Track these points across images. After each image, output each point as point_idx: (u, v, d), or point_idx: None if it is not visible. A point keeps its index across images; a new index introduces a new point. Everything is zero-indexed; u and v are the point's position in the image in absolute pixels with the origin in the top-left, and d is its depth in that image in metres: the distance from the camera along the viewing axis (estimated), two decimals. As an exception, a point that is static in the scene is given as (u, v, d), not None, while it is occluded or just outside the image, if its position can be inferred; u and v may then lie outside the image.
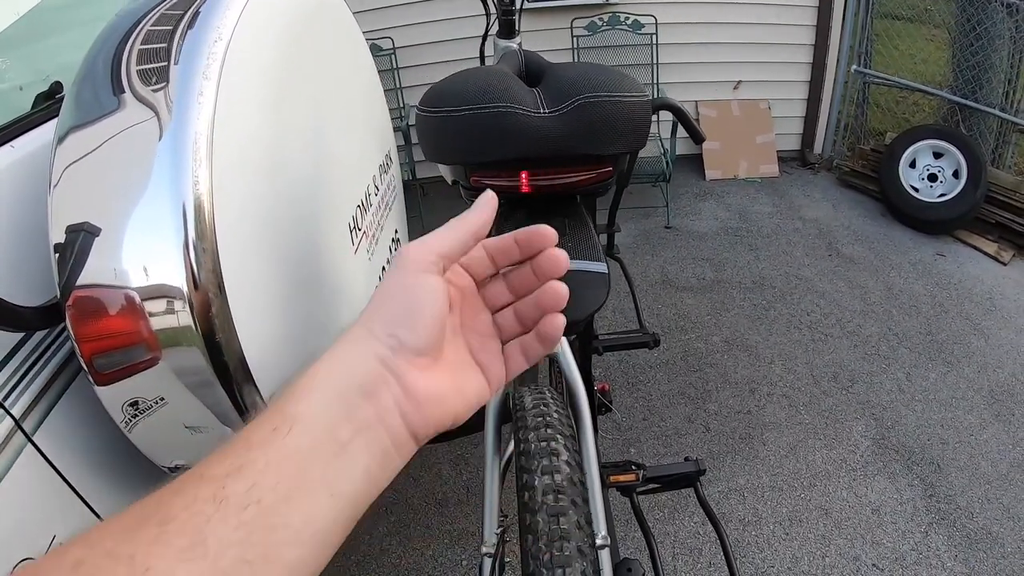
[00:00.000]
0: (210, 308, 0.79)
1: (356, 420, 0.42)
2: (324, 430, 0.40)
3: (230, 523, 0.35)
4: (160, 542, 0.34)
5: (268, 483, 0.37)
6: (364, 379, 0.43)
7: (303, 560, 0.38)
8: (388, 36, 4.12)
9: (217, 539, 0.35)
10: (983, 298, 3.24)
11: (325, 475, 0.40)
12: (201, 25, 0.84)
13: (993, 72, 3.83)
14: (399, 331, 0.44)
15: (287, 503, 0.38)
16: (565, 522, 0.76)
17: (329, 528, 0.40)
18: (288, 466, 0.38)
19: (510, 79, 0.68)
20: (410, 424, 0.44)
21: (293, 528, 0.37)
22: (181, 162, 0.76)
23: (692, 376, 2.77)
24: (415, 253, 0.46)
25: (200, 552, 0.34)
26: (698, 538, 2.07)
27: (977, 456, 2.35)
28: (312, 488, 0.39)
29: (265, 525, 0.36)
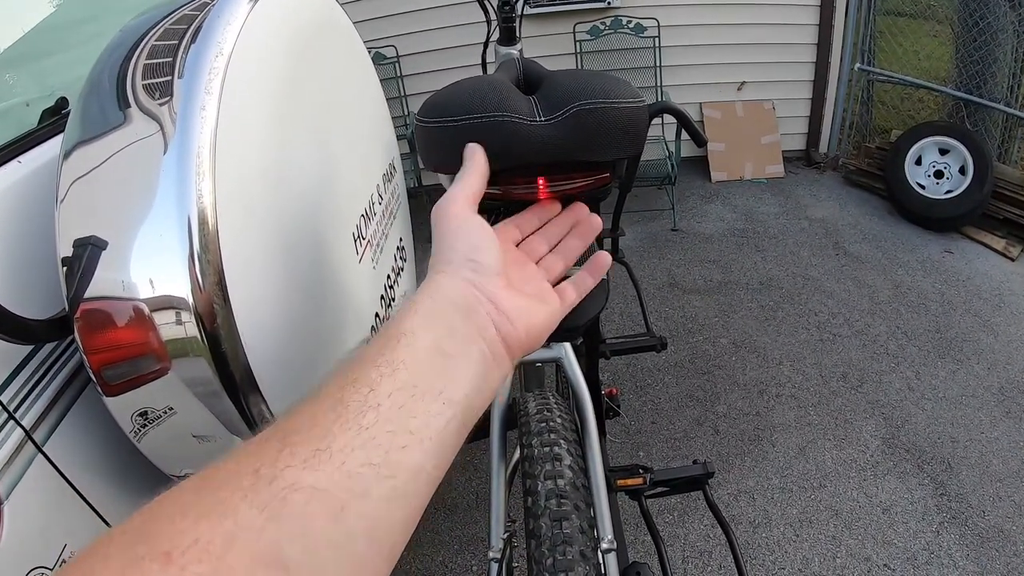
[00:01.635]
0: (215, 319, 0.80)
1: (458, 335, 0.47)
2: (431, 344, 0.45)
3: (351, 429, 0.38)
4: (284, 453, 0.35)
5: (384, 391, 0.40)
6: (460, 300, 0.49)
7: (423, 465, 0.40)
8: (392, 44, 4.14)
9: (340, 445, 0.37)
10: (992, 295, 3.23)
11: (436, 384, 0.43)
12: (203, 40, 0.85)
13: (997, 67, 3.82)
14: (475, 256, 0.52)
15: (403, 409, 0.40)
16: (568, 526, 0.76)
17: (443, 434, 0.42)
18: (401, 375, 0.42)
19: (507, 87, 0.69)
20: (504, 335, 0.50)
21: (412, 432, 0.40)
22: (185, 176, 0.77)
23: (700, 378, 2.77)
24: (452, 204, 0.55)
25: (324, 458, 0.36)
26: (708, 541, 2.06)
27: (988, 454, 2.34)
28: (425, 395, 0.42)
29: (385, 430, 0.39)
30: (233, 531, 0.31)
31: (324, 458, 0.36)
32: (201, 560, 0.29)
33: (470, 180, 0.58)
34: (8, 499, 0.85)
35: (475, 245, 0.52)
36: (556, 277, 0.62)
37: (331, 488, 0.35)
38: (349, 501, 0.35)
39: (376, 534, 0.37)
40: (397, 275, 1.57)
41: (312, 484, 0.34)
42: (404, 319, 0.46)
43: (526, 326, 0.52)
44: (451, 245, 0.52)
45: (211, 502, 0.32)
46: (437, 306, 0.48)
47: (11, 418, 0.88)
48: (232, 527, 0.31)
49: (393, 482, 0.38)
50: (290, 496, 0.33)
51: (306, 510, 0.33)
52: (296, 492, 0.34)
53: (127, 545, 0.30)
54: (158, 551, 0.29)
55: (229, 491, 0.33)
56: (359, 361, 0.43)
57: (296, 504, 0.33)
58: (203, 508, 0.32)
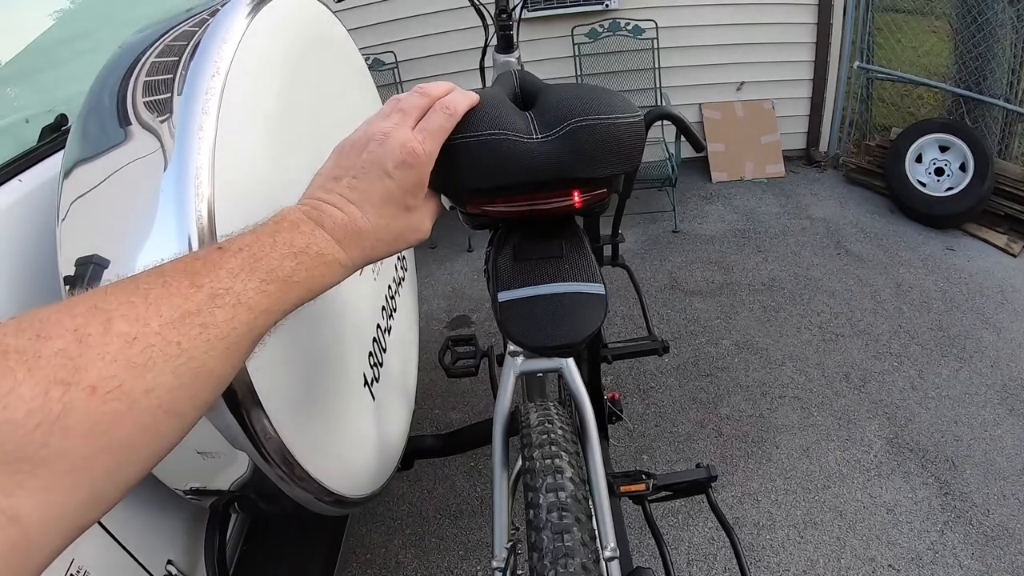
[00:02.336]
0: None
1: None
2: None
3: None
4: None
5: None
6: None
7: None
8: (390, 51, 4.14)
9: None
10: (994, 291, 3.23)
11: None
12: (200, 58, 0.86)
13: (996, 63, 3.82)
14: None
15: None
16: (569, 539, 0.77)
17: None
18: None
19: (503, 104, 0.69)
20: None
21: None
22: (184, 195, 0.77)
23: (703, 381, 2.77)
24: None
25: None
26: (712, 544, 2.07)
27: (992, 452, 2.34)
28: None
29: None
30: None
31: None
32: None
33: None
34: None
35: None
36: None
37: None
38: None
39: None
40: (398, 285, 1.57)
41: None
42: None
43: None
44: None
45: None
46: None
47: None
48: None
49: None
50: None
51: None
52: None
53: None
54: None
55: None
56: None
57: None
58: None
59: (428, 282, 3.61)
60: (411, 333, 1.78)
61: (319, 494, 1.00)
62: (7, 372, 0.34)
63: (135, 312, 0.42)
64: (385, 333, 1.41)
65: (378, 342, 1.34)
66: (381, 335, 1.37)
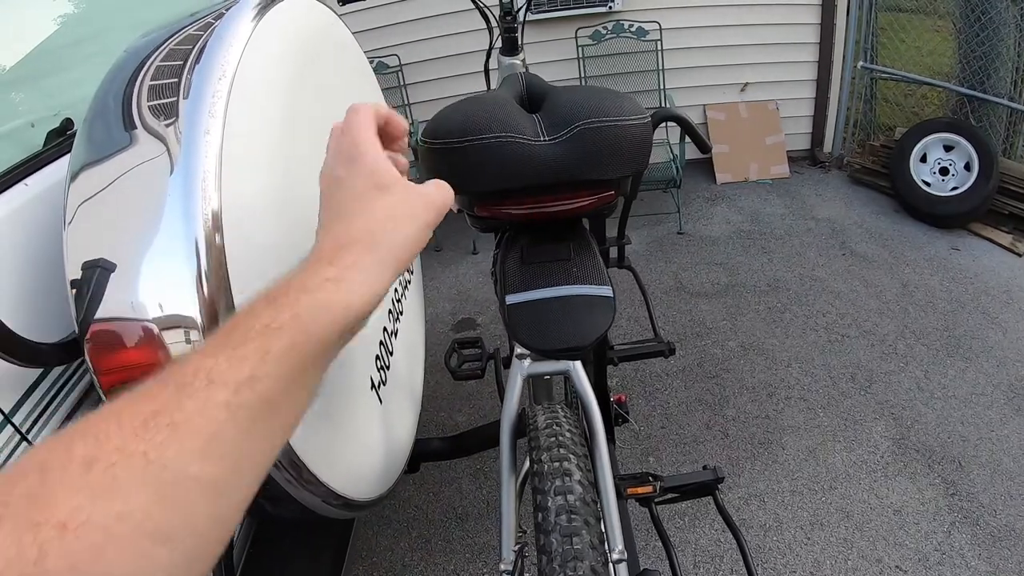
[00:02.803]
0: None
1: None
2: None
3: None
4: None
5: None
6: None
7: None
8: (394, 53, 4.15)
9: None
10: (1000, 291, 3.22)
11: None
12: (206, 62, 0.86)
13: (1000, 61, 3.81)
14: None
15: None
16: (579, 542, 0.76)
17: None
18: None
19: (510, 107, 0.69)
20: None
21: None
22: (191, 198, 0.78)
23: (709, 382, 2.77)
24: None
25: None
26: (719, 545, 2.06)
27: (999, 452, 2.33)
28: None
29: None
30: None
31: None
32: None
33: None
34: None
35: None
36: None
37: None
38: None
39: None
40: (404, 288, 1.57)
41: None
42: None
43: None
44: None
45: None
46: None
47: (24, 439, 0.89)
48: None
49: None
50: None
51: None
52: None
53: (24, 509, 0.32)
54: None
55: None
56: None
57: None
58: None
59: (433, 285, 3.61)
60: (417, 336, 1.78)
61: (327, 497, 1.00)
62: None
63: (94, 429, 0.36)
64: (391, 336, 1.41)
65: (385, 345, 1.34)
66: (388, 338, 1.37)
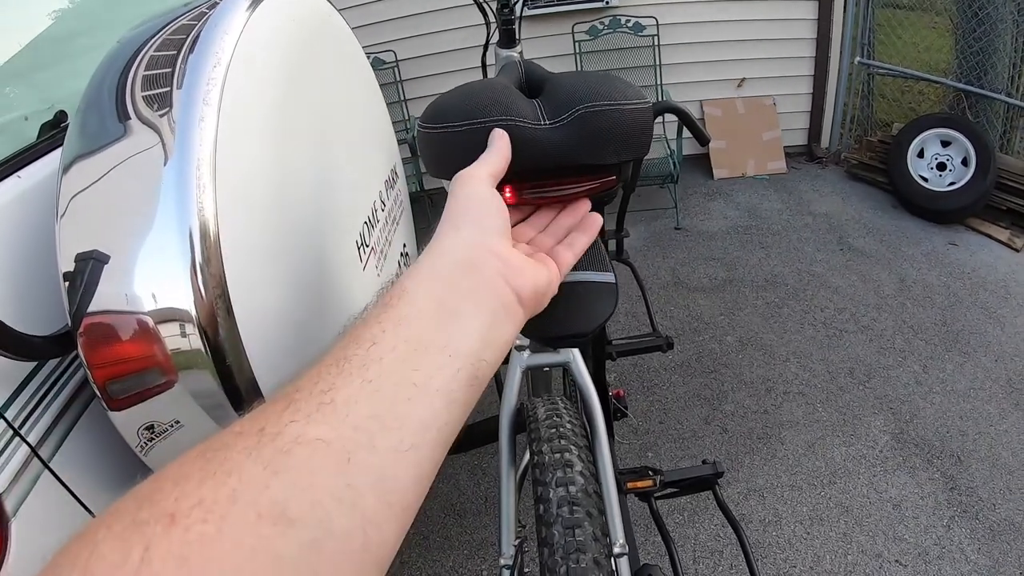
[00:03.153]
0: (219, 330, 0.79)
1: (462, 289, 0.46)
2: (433, 300, 0.45)
3: (355, 382, 0.37)
4: (289, 410, 0.35)
5: (387, 344, 0.40)
6: (462, 257, 0.49)
7: (432, 417, 0.40)
8: (390, 49, 4.13)
9: (344, 397, 0.36)
10: (997, 286, 3.22)
11: (439, 337, 0.43)
12: (200, 50, 0.85)
13: (997, 57, 3.81)
14: (482, 220, 0.52)
15: (407, 362, 0.40)
16: (581, 534, 0.76)
17: (450, 386, 0.41)
18: (403, 330, 0.42)
19: (509, 91, 0.68)
20: (514, 287, 0.49)
21: (417, 385, 0.39)
22: (185, 188, 0.76)
23: (707, 377, 2.76)
24: (472, 176, 0.56)
25: (328, 411, 0.35)
26: (719, 540, 2.05)
27: (997, 446, 2.33)
28: (429, 348, 0.42)
29: (390, 382, 0.38)
30: (236, 489, 0.31)
31: (328, 411, 0.36)
32: (206, 520, 0.29)
33: (492, 159, 0.59)
34: (16, 516, 0.84)
35: (484, 211, 0.53)
36: (565, 267, 0.61)
37: (336, 440, 0.35)
38: (355, 452, 0.35)
39: (384, 487, 0.36)
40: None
41: (317, 436, 0.34)
42: (406, 279, 0.46)
43: (533, 280, 0.52)
44: (460, 211, 0.53)
45: (215, 463, 0.32)
46: (439, 263, 0.48)
47: (16, 435, 0.88)
48: (236, 485, 0.31)
49: (400, 434, 0.37)
50: (294, 449, 0.33)
51: (310, 463, 0.33)
52: (300, 445, 0.33)
53: (132, 511, 0.29)
54: (162, 513, 0.29)
55: (233, 451, 0.33)
56: (363, 322, 0.43)
57: (300, 457, 0.33)
58: (208, 470, 0.31)
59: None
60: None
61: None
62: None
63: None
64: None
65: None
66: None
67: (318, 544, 0.32)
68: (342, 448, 0.34)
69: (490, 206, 0.54)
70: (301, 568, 0.31)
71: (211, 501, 0.30)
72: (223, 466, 0.32)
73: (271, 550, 0.30)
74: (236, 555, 0.29)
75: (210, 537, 0.28)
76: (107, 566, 0.27)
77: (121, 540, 0.28)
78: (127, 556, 0.27)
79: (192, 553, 0.28)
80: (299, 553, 0.31)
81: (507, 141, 0.61)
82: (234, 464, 0.32)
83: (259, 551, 0.29)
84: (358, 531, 0.34)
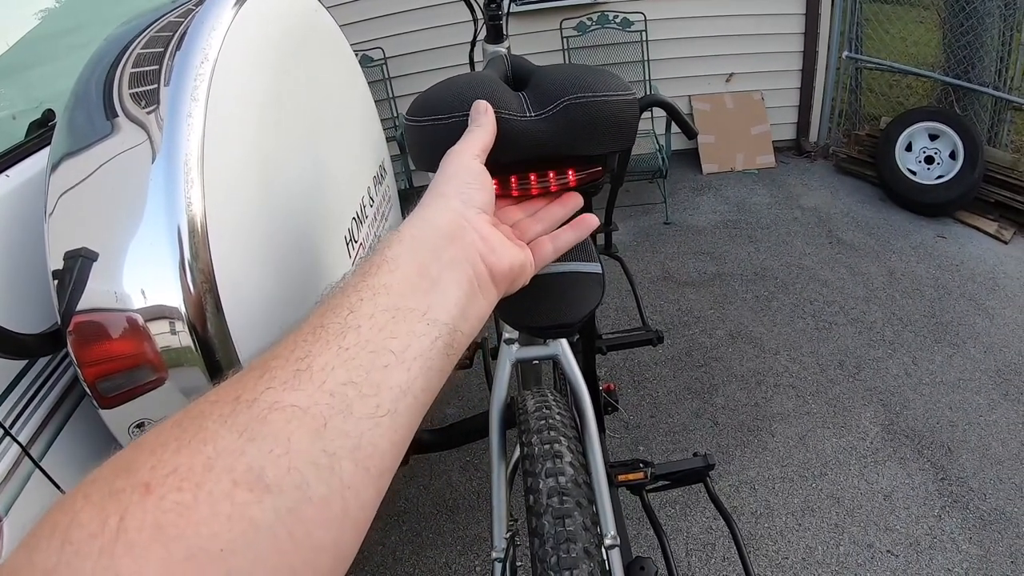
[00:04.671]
0: (208, 327, 0.79)
1: (443, 259, 0.47)
2: (414, 268, 0.45)
3: (331, 349, 0.38)
4: (265, 377, 0.35)
5: (365, 312, 0.41)
6: (445, 226, 0.49)
7: (408, 385, 0.40)
8: (378, 46, 4.13)
9: (320, 364, 0.37)
10: (986, 278, 3.24)
11: (419, 305, 0.43)
12: (187, 47, 0.85)
13: (985, 51, 3.83)
14: (467, 191, 0.53)
15: (384, 330, 0.40)
16: (571, 524, 0.76)
17: (428, 354, 0.42)
18: (382, 299, 0.42)
19: (495, 83, 0.68)
20: (489, 264, 0.50)
21: (394, 352, 0.40)
22: (173, 184, 0.76)
23: (698, 371, 2.77)
24: (459, 152, 0.57)
25: (305, 377, 0.36)
26: (711, 533, 2.06)
27: (987, 437, 2.35)
28: (408, 316, 0.42)
29: (366, 349, 0.39)
30: (212, 457, 0.31)
31: (304, 378, 0.36)
32: (181, 488, 0.29)
33: (479, 134, 0.60)
34: (8, 515, 0.84)
35: (469, 183, 0.54)
36: (542, 259, 0.62)
37: (312, 406, 0.35)
38: (331, 418, 0.35)
39: (361, 453, 0.36)
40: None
41: (292, 403, 0.34)
42: (388, 247, 0.46)
43: (509, 260, 0.53)
44: (447, 181, 0.54)
45: (191, 432, 0.32)
46: (422, 232, 0.48)
47: (7, 434, 0.88)
48: (211, 452, 0.31)
49: (376, 400, 0.37)
50: (270, 415, 0.33)
51: (287, 428, 0.33)
52: (276, 411, 0.34)
53: (108, 480, 0.30)
54: (138, 482, 0.29)
55: (209, 420, 0.33)
56: (341, 290, 0.43)
57: (276, 423, 0.33)
58: (183, 439, 0.32)
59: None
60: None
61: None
62: None
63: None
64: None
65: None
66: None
67: (296, 510, 0.32)
68: (318, 414, 0.35)
69: (477, 180, 0.55)
70: (279, 534, 0.31)
71: (186, 469, 0.30)
72: (198, 435, 0.32)
73: (247, 516, 0.30)
74: (212, 523, 0.29)
75: (186, 505, 0.29)
76: (85, 534, 0.27)
77: (99, 508, 0.28)
78: (104, 524, 0.28)
79: (167, 521, 0.28)
80: (276, 519, 0.31)
81: (492, 116, 0.62)
82: (209, 432, 0.32)
83: (235, 518, 0.30)
84: (336, 497, 0.34)
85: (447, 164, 0.56)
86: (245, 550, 0.30)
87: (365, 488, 0.36)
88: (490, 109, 0.62)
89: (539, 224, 0.64)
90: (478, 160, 0.57)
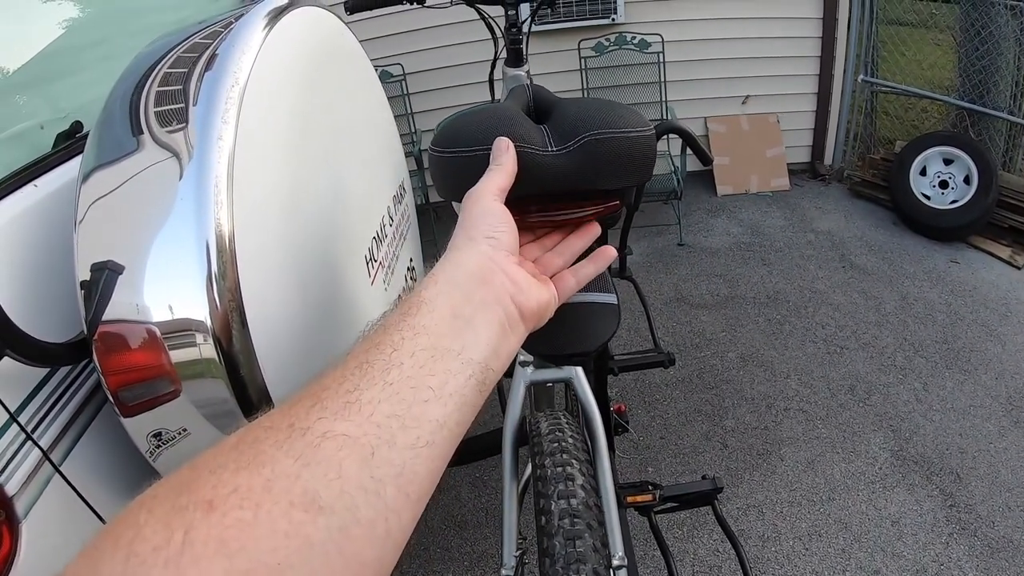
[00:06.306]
0: (233, 342, 0.81)
1: (475, 300, 0.50)
2: (450, 310, 0.48)
3: (377, 384, 0.41)
4: (316, 408, 0.39)
5: (406, 351, 0.44)
6: (476, 269, 0.52)
7: (445, 419, 0.43)
8: (398, 63, 4.16)
9: (368, 398, 0.40)
10: (998, 304, 3.23)
11: (454, 345, 0.47)
12: (218, 68, 0.87)
13: (1000, 75, 3.82)
14: (494, 234, 0.56)
15: (424, 367, 0.44)
16: (581, 545, 0.77)
17: (463, 390, 0.45)
18: (422, 339, 0.45)
19: (518, 117, 0.70)
20: (518, 304, 0.54)
21: (432, 389, 0.43)
22: (203, 203, 0.79)
23: (708, 393, 2.77)
24: (480, 193, 0.60)
25: (354, 409, 0.39)
26: (717, 555, 2.06)
27: (997, 464, 2.34)
28: (445, 355, 0.46)
29: (408, 385, 0.42)
30: (270, 479, 0.34)
31: (354, 409, 0.39)
32: (242, 506, 0.32)
33: (498, 175, 0.62)
34: (26, 519, 0.86)
35: (495, 226, 0.56)
36: (565, 293, 0.65)
37: (361, 436, 0.38)
38: (378, 447, 0.38)
39: (403, 480, 0.39)
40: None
41: (343, 432, 0.37)
42: (424, 289, 0.50)
43: (536, 299, 0.56)
44: (474, 224, 0.57)
45: (249, 455, 0.35)
46: (455, 275, 0.52)
47: (29, 439, 0.90)
48: (269, 475, 0.34)
49: (417, 432, 0.41)
50: (323, 443, 0.36)
51: (338, 455, 0.36)
52: (328, 440, 0.37)
53: (171, 497, 0.32)
54: (201, 500, 0.32)
55: (266, 445, 0.36)
56: (382, 328, 0.46)
57: (329, 450, 0.36)
58: (242, 461, 0.34)
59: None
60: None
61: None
62: None
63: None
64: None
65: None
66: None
67: (346, 530, 0.35)
68: (367, 443, 0.38)
69: (501, 222, 0.57)
70: (330, 551, 0.34)
71: (246, 489, 0.32)
72: (257, 458, 0.34)
73: (303, 535, 0.33)
74: (271, 539, 0.31)
75: (247, 522, 0.31)
76: (150, 547, 0.29)
77: (163, 523, 0.30)
78: (169, 538, 0.30)
79: (230, 536, 0.30)
80: (328, 538, 0.34)
81: (512, 154, 0.64)
82: (267, 456, 0.35)
83: (292, 535, 0.32)
84: (381, 519, 0.37)
85: (471, 205, 0.59)
86: (300, 565, 0.32)
87: (405, 512, 0.39)
88: (511, 147, 0.64)
89: (559, 258, 0.67)
90: (498, 201, 0.60)
